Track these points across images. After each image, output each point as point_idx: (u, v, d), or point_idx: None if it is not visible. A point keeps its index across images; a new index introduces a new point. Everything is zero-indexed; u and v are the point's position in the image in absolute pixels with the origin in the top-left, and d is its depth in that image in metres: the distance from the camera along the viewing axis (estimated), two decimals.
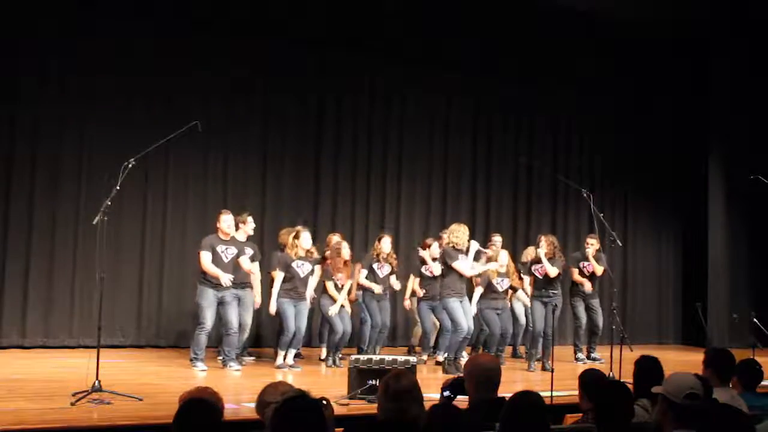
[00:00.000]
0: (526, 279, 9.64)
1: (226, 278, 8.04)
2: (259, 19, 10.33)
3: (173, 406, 3.28)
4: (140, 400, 6.06)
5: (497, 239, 10.19)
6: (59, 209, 9.46)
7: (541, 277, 9.20)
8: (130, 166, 6.69)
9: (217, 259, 8.16)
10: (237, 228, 8.51)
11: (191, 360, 8.11)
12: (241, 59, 10.25)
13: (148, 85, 9.81)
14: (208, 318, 8.06)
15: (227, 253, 8.24)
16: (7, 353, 8.78)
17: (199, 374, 7.83)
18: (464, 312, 8.71)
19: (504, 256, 9.40)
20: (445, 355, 8.81)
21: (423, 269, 9.35)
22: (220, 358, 8.35)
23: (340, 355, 8.83)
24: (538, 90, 12.29)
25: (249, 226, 8.72)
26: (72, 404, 5.79)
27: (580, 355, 9.91)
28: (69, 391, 6.02)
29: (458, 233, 8.87)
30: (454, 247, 8.82)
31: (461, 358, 8.57)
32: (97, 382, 6.11)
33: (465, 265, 8.76)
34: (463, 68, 11.69)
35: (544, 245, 9.16)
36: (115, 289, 9.42)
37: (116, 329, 9.54)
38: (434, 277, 9.14)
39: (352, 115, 11.17)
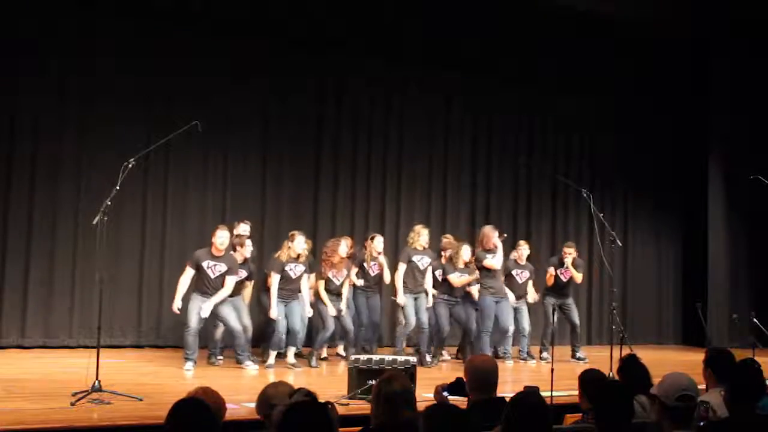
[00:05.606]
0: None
1: (175, 306, 8.18)
2: (259, 19, 10.33)
3: None
4: (140, 400, 6.07)
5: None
6: (59, 209, 9.45)
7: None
8: (130, 166, 6.69)
9: (202, 275, 8.17)
10: (234, 250, 8.44)
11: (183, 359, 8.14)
12: (241, 59, 10.25)
13: (148, 85, 9.80)
14: (193, 321, 8.08)
15: (215, 269, 8.19)
16: (7, 353, 8.78)
17: (186, 373, 7.85)
18: (416, 308, 8.99)
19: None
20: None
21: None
22: (212, 360, 8.44)
23: (323, 355, 8.90)
24: (538, 90, 12.28)
25: (247, 249, 8.57)
26: (72, 404, 5.80)
27: (545, 354, 9.86)
28: (69, 391, 6.02)
29: (416, 234, 9.22)
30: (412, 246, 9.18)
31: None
32: (97, 382, 6.11)
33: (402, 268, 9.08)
34: (463, 68, 11.69)
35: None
36: (115, 289, 9.41)
37: (116, 329, 9.55)
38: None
39: (352, 115, 11.16)
